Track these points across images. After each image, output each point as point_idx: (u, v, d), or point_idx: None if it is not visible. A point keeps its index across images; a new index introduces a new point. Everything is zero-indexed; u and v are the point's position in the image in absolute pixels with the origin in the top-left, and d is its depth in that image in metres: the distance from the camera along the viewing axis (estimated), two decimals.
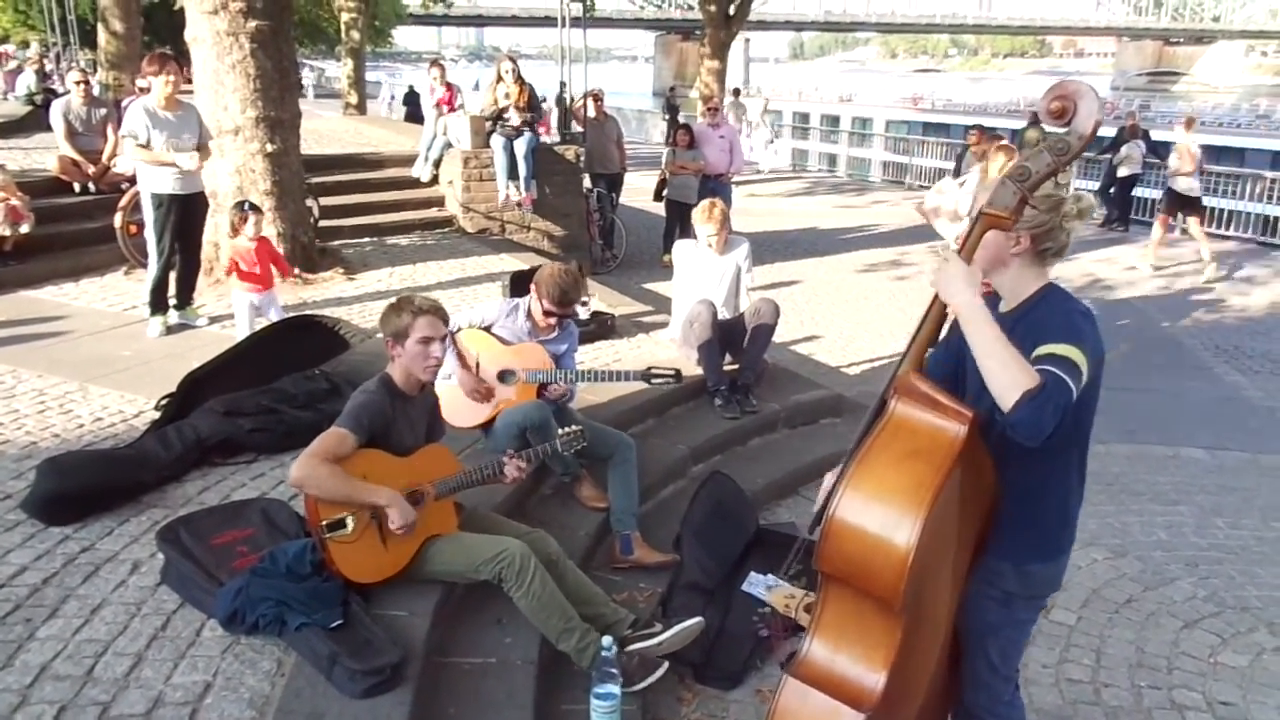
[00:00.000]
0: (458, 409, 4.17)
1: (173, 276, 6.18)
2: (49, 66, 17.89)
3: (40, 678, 2.75)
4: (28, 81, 15.63)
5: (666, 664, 3.28)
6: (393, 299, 3.36)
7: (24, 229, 7.04)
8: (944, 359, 2.32)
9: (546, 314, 4.30)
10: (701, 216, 5.72)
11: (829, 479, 2.38)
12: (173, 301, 6.23)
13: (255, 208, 5.98)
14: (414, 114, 18.14)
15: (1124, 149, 14.52)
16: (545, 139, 9.97)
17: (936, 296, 2.12)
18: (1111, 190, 15.03)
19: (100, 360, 5.50)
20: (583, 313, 6.46)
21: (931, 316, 2.15)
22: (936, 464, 2.00)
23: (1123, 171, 14.57)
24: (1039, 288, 2.22)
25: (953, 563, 2.24)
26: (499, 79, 9.65)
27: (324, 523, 3.02)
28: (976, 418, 2.05)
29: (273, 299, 5.92)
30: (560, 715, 3.14)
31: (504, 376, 4.25)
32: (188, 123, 5.97)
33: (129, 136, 5.83)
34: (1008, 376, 1.95)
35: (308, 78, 35.77)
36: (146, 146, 5.79)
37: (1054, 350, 2.01)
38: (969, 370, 2.18)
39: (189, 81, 7.05)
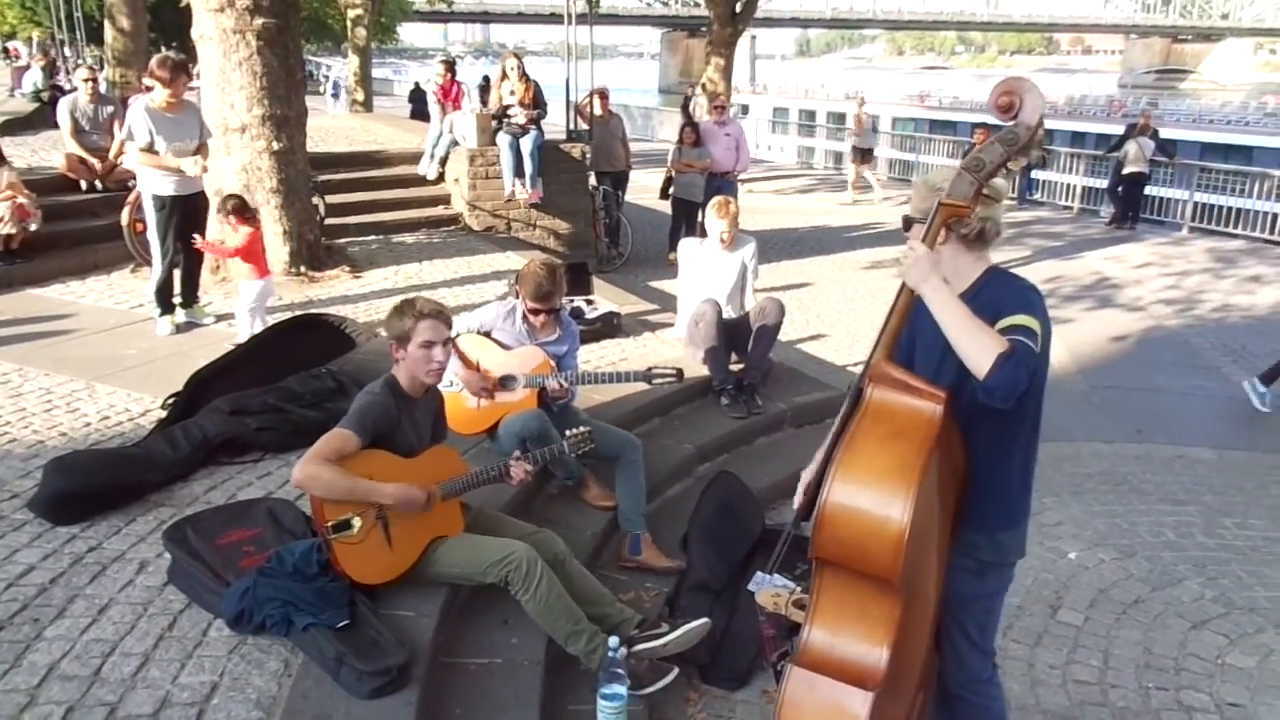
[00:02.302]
0: (460, 416, 4.16)
1: (178, 275, 6.18)
2: (57, 62, 17.95)
3: (48, 678, 2.75)
4: (34, 78, 15.67)
5: (676, 670, 3.28)
6: (399, 299, 3.35)
7: (31, 227, 7.04)
8: (897, 346, 2.42)
9: (531, 311, 4.30)
10: (716, 212, 5.72)
11: (806, 474, 2.48)
12: (178, 300, 6.23)
13: (236, 198, 5.93)
14: (419, 111, 18.14)
15: (1127, 146, 14.47)
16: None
17: (903, 288, 2.24)
18: (1119, 189, 14.98)
19: (107, 359, 5.50)
20: (589, 312, 6.46)
21: (899, 307, 2.26)
22: (918, 443, 2.10)
23: (1129, 169, 14.53)
24: (982, 271, 2.36)
25: (937, 538, 2.32)
26: (504, 76, 9.65)
27: (329, 523, 3.01)
28: (949, 397, 2.16)
29: (270, 287, 5.94)
30: (567, 716, 3.14)
31: (505, 382, 4.24)
32: (189, 123, 5.94)
33: (130, 139, 5.83)
34: (980, 345, 2.10)
35: (338, 79, 35.43)
36: (150, 149, 5.76)
37: (1014, 321, 2.17)
38: (918, 357, 2.37)
39: (195, 78, 7.06)
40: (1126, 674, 3.74)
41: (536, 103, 9.64)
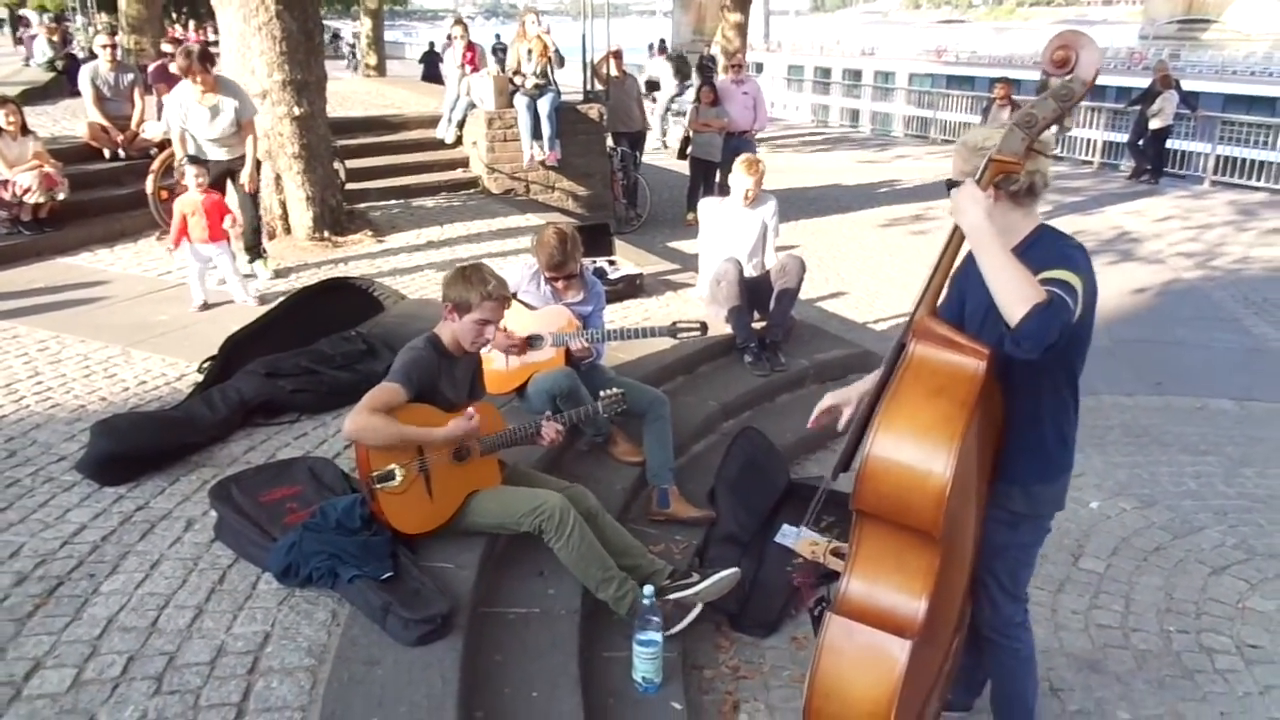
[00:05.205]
0: (490, 376, 4.22)
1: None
2: (71, 29, 17.91)
3: (108, 629, 2.87)
4: (42, 48, 15.63)
5: (700, 606, 3.37)
6: (422, 262, 3.39)
7: (59, 196, 7.13)
8: (947, 304, 2.48)
9: (548, 280, 4.35)
10: (745, 168, 5.73)
11: (827, 399, 2.63)
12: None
13: (196, 160, 6.11)
14: (431, 74, 18.01)
15: (1158, 102, 14.26)
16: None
17: (948, 244, 2.24)
18: (1141, 142, 14.81)
19: (140, 325, 5.60)
20: (611, 273, 6.51)
21: (944, 262, 2.28)
22: (961, 399, 2.13)
23: (1155, 124, 14.33)
24: (1031, 229, 2.36)
25: (976, 491, 2.38)
26: (523, 35, 9.62)
27: (374, 473, 3.11)
28: (993, 354, 2.17)
29: (225, 250, 5.97)
30: (603, 662, 3.24)
31: (532, 342, 4.30)
32: (223, 112, 6.27)
33: (170, 129, 6.37)
34: (1017, 290, 2.07)
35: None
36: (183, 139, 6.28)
37: (1053, 274, 2.15)
38: (968, 314, 2.39)
39: (214, 45, 7.11)
40: (1148, 618, 3.81)
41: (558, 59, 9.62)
